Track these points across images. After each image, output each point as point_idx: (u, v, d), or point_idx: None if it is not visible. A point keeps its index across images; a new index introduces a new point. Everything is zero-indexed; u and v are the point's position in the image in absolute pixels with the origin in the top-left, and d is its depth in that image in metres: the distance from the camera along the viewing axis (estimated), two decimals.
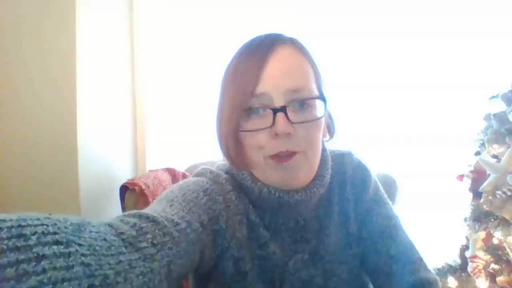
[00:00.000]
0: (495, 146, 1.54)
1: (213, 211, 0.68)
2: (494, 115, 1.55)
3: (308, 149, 0.69)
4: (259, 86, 0.67)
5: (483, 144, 1.62)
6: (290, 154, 0.67)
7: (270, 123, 0.66)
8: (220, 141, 0.73)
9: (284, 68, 0.68)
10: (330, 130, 0.79)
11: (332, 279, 0.74)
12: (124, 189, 1.43)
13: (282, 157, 0.68)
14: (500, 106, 1.58)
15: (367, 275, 0.79)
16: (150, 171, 1.66)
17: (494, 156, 1.55)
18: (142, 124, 2.07)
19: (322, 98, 0.70)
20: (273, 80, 0.67)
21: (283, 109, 0.65)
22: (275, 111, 0.66)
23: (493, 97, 1.61)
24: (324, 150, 0.78)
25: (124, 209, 1.42)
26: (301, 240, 0.75)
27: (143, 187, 1.41)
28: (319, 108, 0.70)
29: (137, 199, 1.40)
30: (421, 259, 0.77)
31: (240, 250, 0.71)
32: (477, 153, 1.65)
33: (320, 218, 0.76)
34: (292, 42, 0.72)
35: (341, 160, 0.83)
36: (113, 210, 1.65)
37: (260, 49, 0.69)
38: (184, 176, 1.59)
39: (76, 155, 1.58)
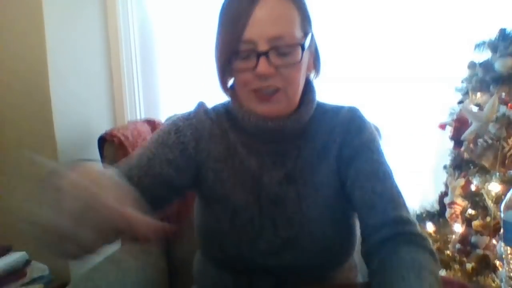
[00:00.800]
0: (478, 94, 1.54)
1: (181, 144, 0.84)
2: (480, 63, 1.53)
3: (288, 87, 0.78)
4: (246, 32, 0.74)
5: (466, 93, 1.61)
6: (273, 91, 0.78)
7: (254, 64, 0.74)
8: (218, 75, 0.83)
9: (268, 16, 0.74)
10: (316, 68, 0.88)
11: (307, 200, 0.84)
12: (103, 141, 1.39)
13: (265, 96, 0.78)
14: (485, 54, 1.56)
15: (353, 208, 0.84)
16: (129, 122, 1.62)
17: (477, 105, 1.55)
18: (119, 73, 1.99)
19: (302, 45, 0.77)
20: (258, 27, 0.74)
21: (265, 53, 0.73)
22: (258, 54, 0.74)
23: (479, 44, 1.58)
24: (312, 92, 0.87)
25: (103, 161, 1.39)
26: (279, 162, 0.86)
27: (122, 138, 1.37)
28: (301, 52, 0.77)
29: (116, 150, 1.36)
30: (405, 204, 0.81)
31: (218, 163, 0.85)
32: (460, 102, 1.64)
33: (300, 148, 0.86)
34: None
35: (338, 110, 0.90)
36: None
37: None
38: None
39: (50, 106, 1.52)
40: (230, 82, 0.85)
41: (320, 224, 0.83)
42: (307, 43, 0.79)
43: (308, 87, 0.87)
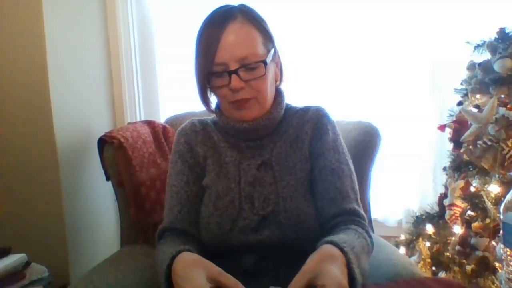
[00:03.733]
0: (478, 96, 1.54)
1: (185, 162, 1.04)
2: (479, 64, 1.53)
3: (258, 96, 0.95)
4: (217, 56, 0.91)
5: (466, 94, 1.61)
6: (246, 100, 0.94)
7: (227, 81, 0.91)
8: (199, 95, 1.01)
9: (235, 41, 0.91)
10: (280, 77, 1.05)
11: (282, 182, 0.98)
12: (102, 142, 1.39)
13: (240, 104, 0.94)
14: (484, 55, 1.56)
15: (315, 198, 1.00)
16: (128, 123, 1.62)
17: (476, 106, 1.55)
18: (119, 75, 1.99)
19: (264, 61, 0.93)
20: (227, 51, 0.90)
21: (235, 71, 0.90)
22: (230, 73, 0.91)
23: (478, 45, 1.58)
24: (280, 96, 1.04)
25: (103, 162, 1.39)
26: (257, 154, 1.01)
27: (122, 140, 1.37)
28: (264, 67, 0.93)
29: (116, 152, 1.36)
30: (356, 199, 1.00)
31: (206, 160, 1.03)
32: (460, 103, 1.64)
33: (275, 141, 1.02)
34: (242, 15, 0.94)
35: (307, 109, 1.06)
36: (92, 163, 1.62)
37: (216, 27, 0.92)
38: (164, 128, 1.55)
39: (50, 108, 1.52)
40: (212, 96, 1.02)
41: (294, 201, 0.96)
42: (269, 58, 0.95)
43: (278, 92, 1.04)
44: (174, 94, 2.07)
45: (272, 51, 0.98)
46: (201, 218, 1.00)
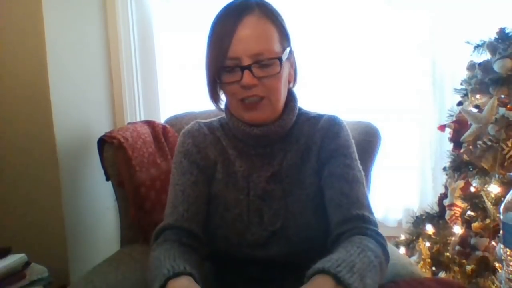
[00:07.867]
0: (478, 96, 1.54)
1: (193, 162, 0.97)
2: (479, 64, 1.53)
3: (271, 95, 0.89)
4: (230, 50, 0.85)
5: (466, 94, 1.61)
6: (258, 100, 0.88)
7: (239, 77, 0.86)
8: (209, 91, 0.94)
9: (250, 35, 0.85)
10: (294, 78, 0.99)
11: (291, 197, 0.93)
12: (102, 142, 1.39)
13: (251, 105, 0.89)
14: (484, 55, 1.56)
15: (324, 206, 0.94)
16: (128, 123, 1.62)
17: (476, 106, 1.55)
18: (119, 75, 1.99)
19: (279, 58, 0.87)
20: (241, 45, 0.85)
21: (248, 67, 0.85)
22: (242, 68, 0.85)
23: (478, 45, 1.58)
24: (293, 100, 0.99)
25: (103, 162, 1.39)
26: (266, 163, 0.97)
27: (122, 140, 1.36)
28: (280, 64, 0.87)
29: (116, 152, 1.36)
30: (368, 206, 0.91)
31: (214, 166, 0.98)
32: (460, 103, 1.64)
33: (286, 151, 0.97)
34: (259, 9, 0.88)
35: (319, 117, 1.00)
36: (93, 163, 1.62)
37: (231, 19, 0.86)
38: (164, 128, 1.55)
39: (50, 108, 1.52)
40: (222, 95, 0.96)
41: (303, 216, 0.92)
42: (284, 56, 0.89)
43: (290, 96, 0.98)
44: (174, 94, 2.08)
45: (288, 49, 0.92)
46: (206, 228, 0.95)
